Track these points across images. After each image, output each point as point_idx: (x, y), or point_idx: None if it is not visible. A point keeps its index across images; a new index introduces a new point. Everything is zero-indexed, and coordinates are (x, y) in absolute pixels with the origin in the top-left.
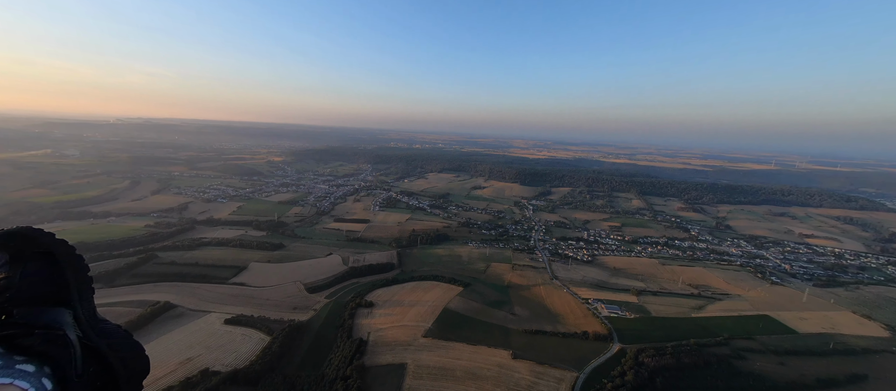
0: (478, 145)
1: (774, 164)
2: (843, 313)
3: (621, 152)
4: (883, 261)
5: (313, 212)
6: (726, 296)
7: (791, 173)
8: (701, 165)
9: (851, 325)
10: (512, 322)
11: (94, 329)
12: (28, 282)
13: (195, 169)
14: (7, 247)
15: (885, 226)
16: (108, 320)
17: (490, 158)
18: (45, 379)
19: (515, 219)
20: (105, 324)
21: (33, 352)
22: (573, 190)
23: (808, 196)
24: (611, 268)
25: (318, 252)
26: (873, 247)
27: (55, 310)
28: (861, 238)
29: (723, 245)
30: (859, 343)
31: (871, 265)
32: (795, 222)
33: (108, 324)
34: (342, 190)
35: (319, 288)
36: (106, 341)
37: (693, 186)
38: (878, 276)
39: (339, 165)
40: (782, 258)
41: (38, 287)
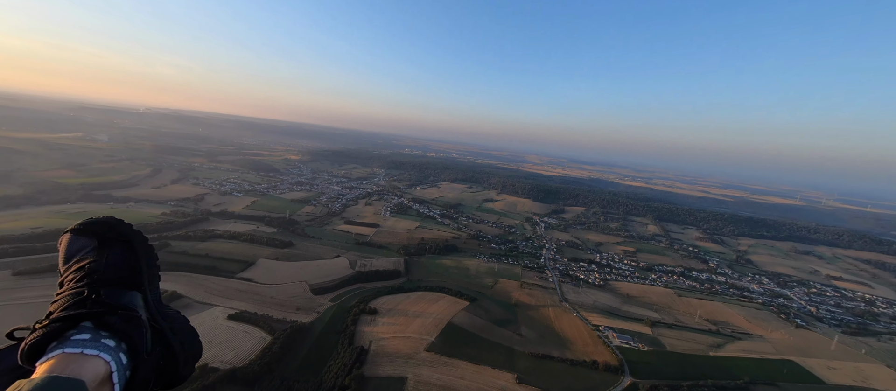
0: (492, 158)
1: (799, 199)
2: (877, 367)
3: (637, 175)
4: None
5: (325, 213)
6: (747, 336)
7: (817, 210)
8: (721, 195)
9: (886, 381)
10: (518, 343)
11: (160, 313)
12: (111, 267)
13: (214, 161)
14: (96, 234)
15: None
16: (169, 306)
17: (503, 172)
18: (122, 354)
19: (526, 236)
20: (167, 309)
21: (115, 329)
22: (587, 210)
23: (836, 235)
24: (624, 294)
25: (326, 253)
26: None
27: (130, 293)
28: (894, 285)
29: (743, 280)
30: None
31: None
32: (822, 262)
33: (169, 310)
34: (355, 192)
35: (325, 290)
36: (168, 324)
37: (712, 216)
38: None
39: (353, 168)
40: (808, 299)
41: (118, 271)
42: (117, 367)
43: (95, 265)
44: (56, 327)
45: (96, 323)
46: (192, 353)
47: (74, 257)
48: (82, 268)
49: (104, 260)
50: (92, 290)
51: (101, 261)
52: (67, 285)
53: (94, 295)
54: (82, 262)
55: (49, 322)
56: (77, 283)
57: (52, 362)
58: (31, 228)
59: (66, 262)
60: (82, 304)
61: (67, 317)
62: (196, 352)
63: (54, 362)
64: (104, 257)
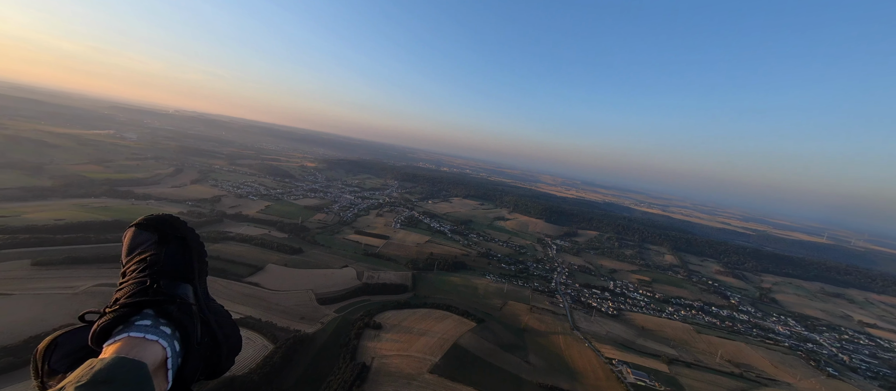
0: (505, 176)
1: (826, 238)
2: None
3: (654, 202)
4: None
5: (336, 221)
6: (774, 383)
7: (846, 250)
8: (742, 227)
9: None
10: (525, 371)
11: (207, 306)
12: (170, 260)
13: (234, 164)
14: (158, 229)
15: None
16: (214, 300)
17: (516, 190)
18: (176, 341)
19: (537, 257)
20: (212, 302)
21: (172, 317)
22: (600, 235)
23: (869, 279)
24: (638, 327)
25: (334, 262)
26: None
27: (184, 285)
28: None
29: (768, 320)
30: None
31: None
32: (854, 307)
33: (214, 303)
34: (367, 202)
35: (330, 300)
36: (214, 317)
37: (734, 249)
38: None
39: (366, 178)
40: (839, 346)
41: (175, 265)
42: (172, 353)
43: (156, 257)
44: (123, 312)
45: (157, 311)
46: (234, 346)
47: (137, 249)
48: (144, 260)
49: (163, 253)
50: (153, 281)
51: (161, 254)
52: (130, 275)
53: (156, 285)
54: (144, 255)
55: (118, 307)
56: (140, 274)
57: (119, 345)
58: (54, 220)
59: (129, 254)
60: (145, 293)
61: (133, 303)
62: (237, 345)
63: (121, 345)
64: (163, 251)
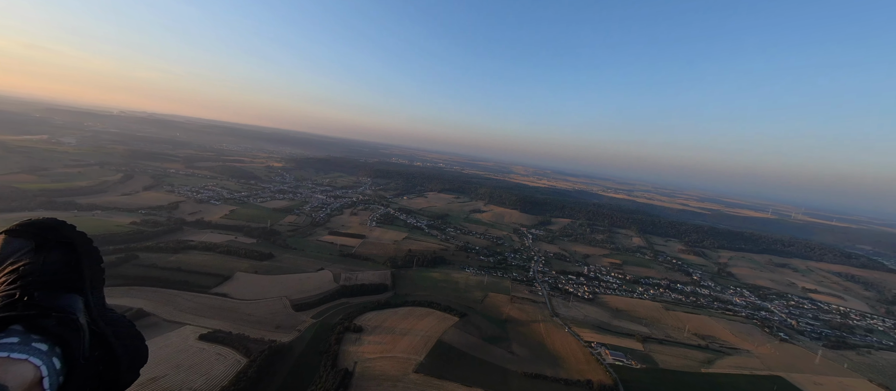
0: (478, 168)
1: (771, 213)
2: (859, 381)
3: (620, 187)
4: (890, 324)
5: (308, 223)
6: (736, 351)
7: (788, 224)
8: (699, 208)
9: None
10: (510, 362)
11: (103, 317)
12: (49, 269)
13: (192, 167)
14: (34, 236)
15: (888, 286)
16: (114, 310)
17: (490, 182)
18: (56, 358)
19: (515, 248)
20: (112, 313)
21: (48, 332)
22: (573, 222)
23: (809, 249)
24: (613, 308)
25: (308, 266)
26: (878, 308)
27: (69, 296)
28: (864, 297)
29: (726, 293)
30: None
31: (878, 327)
32: (797, 275)
33: (114, 314)
34: (340, 201)
35: (307, 306)
36: (111, 329)
37: (693, 229)
38: (887, 341)
39: (338, 176)
40: (787, 312)
41: (57, 273)
42: (49, 372)
43: (31, 267)
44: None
45: (28, 326)
46: (136, 359)
47: (8, 259)
48: (16, 271)
49: (41, 262)
50: (24, 293)
51: (38, 262)
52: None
53: (27, 297)
54: (17, 264)
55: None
56: (9, 286)
57: None
58: None
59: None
60: (13, 307)
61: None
62: (141, 357)
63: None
64: (41, 259)
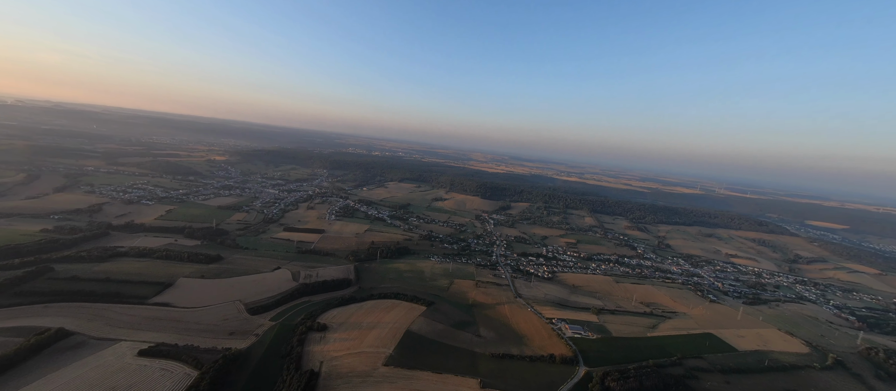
0: (438, 156)
1: (700, 189)
2: (771, 330)
3: (572, 170)
4: (792, 280)
5: (260, 220)
6: (675, 315)
7: (713, 198)
8: (640, 187)
9: (778, 342)
10: (478, 345)
11: None
12: None
13: (116, 164)
14: None
15: (790, 248)
16: None
17: (451, 170)
18: None
19: (477, 233)
20: None
21: None
22: (531, 205)
23: (730, 219)
24: (570, 285)
25: (263, 266)
26: (783, 267)
27: None
28: (773, 259)
29: (665, 263)
30: (786, 359)
31: (783, 283)
32: (722, 243)
33: None
34: (294, 195)
35: (264, 308)
36: None
37: (636, 206)
38: (790, 294)
39: (291, 168)
40: (715, 276)
41: None
42: None
43: None
44: None
45: None
46: None
47: None
48: None
49: None
50: None
51: None
52: None
53: None
54: None
55: None
56: None
57: None
58: None
59: None
60: None
61: None
62: None
63: None
64: None
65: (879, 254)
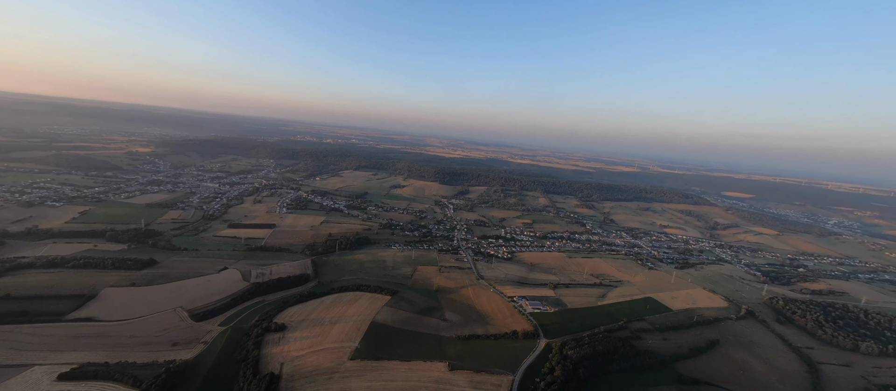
0: (394, 142)
1: (637, 168)
2: (698, 290)
3: (525, 153)
4: (712, 245)
5: (199, 217)
6: (620, 283)
7: (648, 175)
8: (587, 167)
9: (704, 300)
10: (445, 329)
11: None
12: None
13: (7, 159)
14: None
15: (711, 217)
16: None
17: (408, 156)
18: None
19: (437, 219)
20: None
21: None
22: (488, 189)
23: (662, 194)
24: (528, 263)
25: (207, 267)
26: (705, 234)
27: None
28: (697, 227)
29: (610, 237)
30: (710, 314)
31: (706, 248)
32: (656, 215)
33: None
34: (237, 189)
35: (211, 313)
36: None
37: (584, 186)
38: (711, 257)
39: (231, 159)
40: (652, 246)
41: None
42: None
43: None
44: None
45: None
46: None
47: None
48: None
49: None
50: None
51: None
52: None
53: None
54: None
55: None
56: None
57: None
58: None
59: None
60: None
61: None
62: None
63: None
64: None
65: (778, 217)
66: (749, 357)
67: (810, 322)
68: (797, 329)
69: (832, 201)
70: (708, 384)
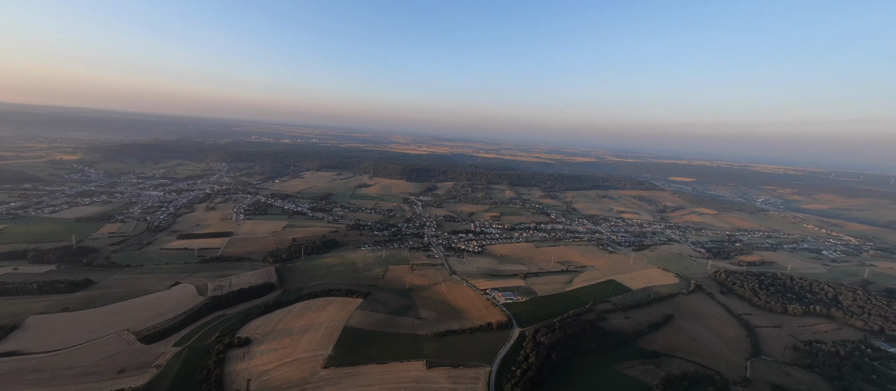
0: (357, 140)
1: (594, 157)
2: (653, 269)
3: (489, 148)
4: (663, 227)
5: (142, 229)
6: (584, 268)
7: (604, 164)
8: (548, 159)
9: (659, 278)
10: (420, 327)
11: None
12: None
13: None
14: None
15: (660, 201)
16: None
17: (372, 154)
18: None
19: (407, 217)
20: None
21: None
22: (456, 184)
23: (618, 181)
24: (498, 256)
25: (155, 284)
26: (657, 217)
27: None
28: (649, 211)
29: (573, 224)
30: (665, 290)
31: (658, 230)
32: (613, 202)
33: None
34: (186, 196)
35: (163, 333)
36: None
37: (547, 177)
38: (663, 238)
39: (177, 164)
40: (611, 231)
41: None
42: None
43: None
44: None
45: None
46: None
47: None
48: None
49: None
50: None
51: None
52: None
53: None
54: None
55: None
56: None
57: None
58: None
59: None
60: None
61: None
62: None
63: None
64: None
65: (716, 198)
66: (699, 327)
67: (747, 291)
68: (737, 298)
69: (759, 181)
70: (666, 355)
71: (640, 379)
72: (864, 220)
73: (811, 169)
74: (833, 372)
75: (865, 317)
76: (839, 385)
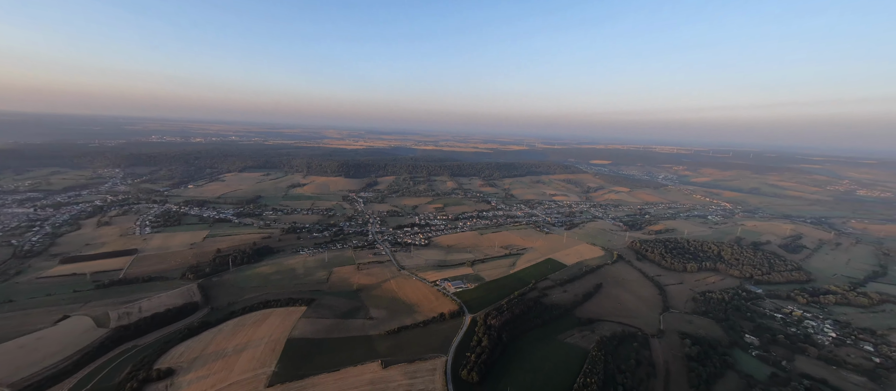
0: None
1: (525, 145)
2: (583, 245)
3: (428, 140)
4: (588, 206)
5: (7, 256)
6: (525, 250)
7: (535, 151)
8: (485, 149)
9: (588, 252)
10: (372, 327)
11: None
12: None
13: None
14: None
15: (584, 183)
16: None
17: (304, 151)
18: None
19: (348, 215)
20: None
21: None
22: (397, 178)
23: (548, 167)
24: (445, 246)
25: (33, 321)
26: (582, 197)
27: None
28: (576, 192)
29: (512, 210)
30: (594, 262)
31: (584, 209)
32: (546, 186)
33: None
34: (67, 212)
35: (52, 379)
36: None
37: (485, 166)
38: (589, 215)
39: (51, 173)
40: (545, 213)
41: None
42: None
43: None
44: None
45: None
46: None
47: None
48: None
49: None
50: None
51: None
52: None
53: None
54: None
55: None
56: None
57: None
58: None
59: None
60: None
61: None
62: None
63: None
64: None
65: (628, 177)
66: (622, 292)
67: (657, 255)
68: (650, 262)
69: (659, 161)
70: (599, 320)
71: (578, 345)
72: (734, 188)
73: (696, 148)
74: (721, 315)
75: (740, 267)
76: (726, 325)
